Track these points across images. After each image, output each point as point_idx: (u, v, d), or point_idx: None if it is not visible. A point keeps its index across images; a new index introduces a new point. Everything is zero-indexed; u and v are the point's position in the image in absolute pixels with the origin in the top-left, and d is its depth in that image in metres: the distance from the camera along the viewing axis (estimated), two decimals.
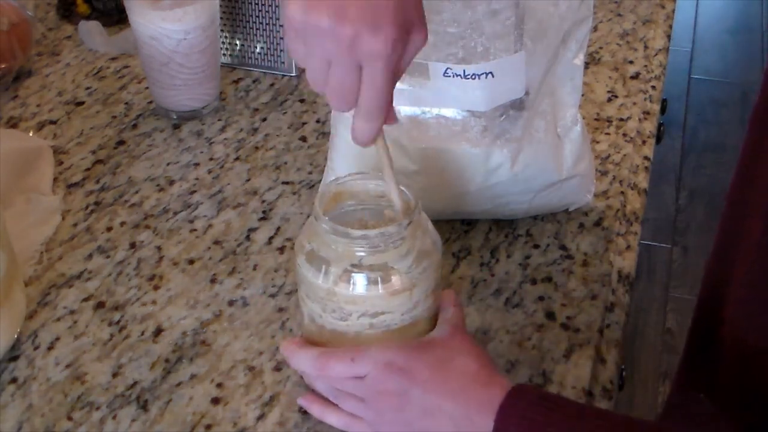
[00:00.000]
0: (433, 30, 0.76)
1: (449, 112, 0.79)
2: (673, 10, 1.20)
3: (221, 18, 1.03)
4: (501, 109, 0.78)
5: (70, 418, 0.68)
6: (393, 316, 0.64)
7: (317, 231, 0.64)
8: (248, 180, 0.92)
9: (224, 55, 1.08)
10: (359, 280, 0.63)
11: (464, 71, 0.75)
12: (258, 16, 1.05)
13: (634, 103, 1.02)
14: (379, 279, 0.63)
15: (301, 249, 0.65)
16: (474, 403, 0.60)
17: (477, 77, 0.75)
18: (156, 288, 0.79)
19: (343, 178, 0.68)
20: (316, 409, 0.68)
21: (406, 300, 0.64)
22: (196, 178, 0.92)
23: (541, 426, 0.57)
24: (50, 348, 0.74)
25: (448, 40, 0.76)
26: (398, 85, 0.78)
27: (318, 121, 1.00)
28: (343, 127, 0.83)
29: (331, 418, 0.67)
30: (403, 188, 0.66)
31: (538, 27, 0.77)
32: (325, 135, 0.96)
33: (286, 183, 0.91)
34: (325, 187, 0.66)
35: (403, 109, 0.79)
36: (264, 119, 1.01)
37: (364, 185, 0.68)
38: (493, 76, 0.76)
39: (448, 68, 0.75)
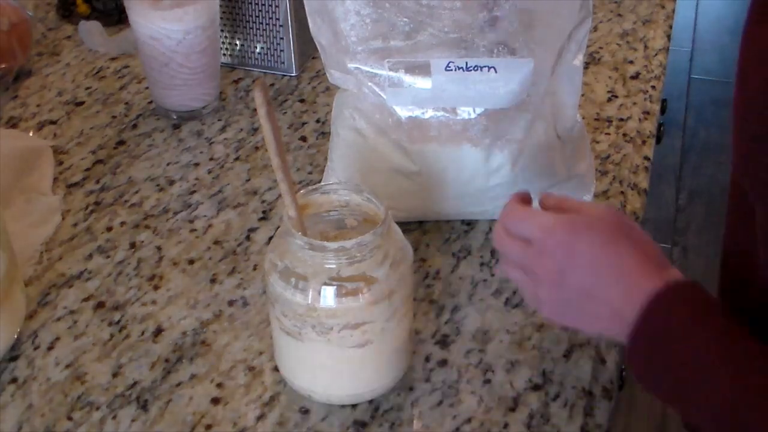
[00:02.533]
0: (434, 35, 0.77)
1: (450, 112, 0.79)
2: (673, 10, 1.20)
3: (221, 18, 1.03)
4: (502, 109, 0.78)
5: (70, 418, 0.68)
6: (374, 326, 0.64)
7: (290, 248, 0.63)
8: (248, 180, 0.92)
9: (224, 55, 1.08)
10: (339, 292, 0.62)
11: (466, 63, 0.75)
12: (258, 16, 1.05)
13: (634, 103, 1.02)
14: (359, 289, 0.62)
15: (274, 267, 0.64)
16: (636, 293, 0.59)
17: (479, 69, 0.76)
18: (156, 288, 0.79)
19: (306, 190, 0.67)
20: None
21: (386, 308, 0.64)
22: (196, 178, 0.92)
23: (681, 334, 0.57)
24: (50, 348, 0.74)
25: (450, 44, 0.76)
26: (398, 85, 0.79)
27: (318, 121, 1.00)
28: (343, 127, 0.83)
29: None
30: (370, 195, 0.65)
31: (542, 32, 0.77)
32: (325, 135, 0.96)
33: None
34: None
35: (403, 110, 0.79)
36: None
37: (327, 197, 0.67)
38: (495, 72, 0.76)
39: (450, 62, 0.76)
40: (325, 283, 0.62)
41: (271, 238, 0.84)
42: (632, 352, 0.60)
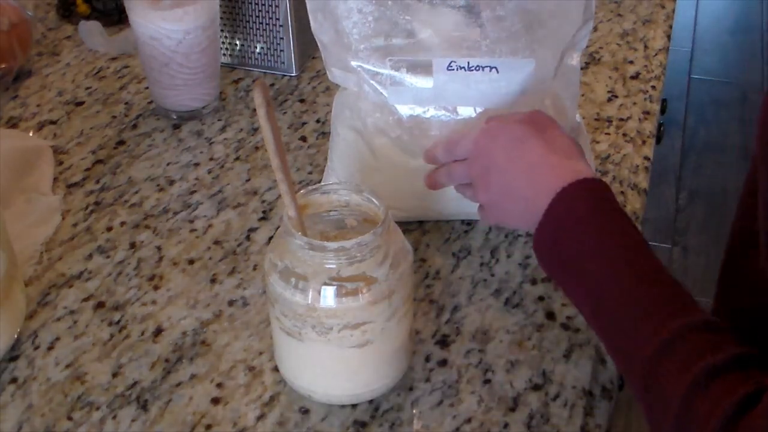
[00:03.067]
0: (437, 33, 0.77)
1: (451, 112, 0.79)
2: (673, 10, 1.20)
3: (221, 18, 1.03)
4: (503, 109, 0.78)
5: (70, 418, 0.68)
6: (374, 326, 0.64)
7: (290, 247, 0.63)
8: (248, 180, 0.92)
9: (224, 55, 1.08)
10: (339, 292, 0.62)
11: (468, 63, 0.76)
12: (258, 16, 1.05)
13: (634, 103, 1.02)
14: (358, 289, 0.62)
15: (273, 267, 0.64)
16: (543, 186, 0.65)
17: (481, 69, 0.76)
18: (156, 288, 0.79)
19: (306, 190, 0.67)
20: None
21: (386, 308, 0.64)
22: (196, 178, 0.92)
23: (577, 225, 0.63)
24: (50, 348, 0.74)
25: (452, 43, 0.76)
26: (400, 83, 0.79)
27: (318, 121, 1.00)
28: (343, 127, 0.83)
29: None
30: (370, 195, 0.66)
31: (544, 34, 0.77)
32: (325, 135, 0.96)
33: None
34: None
35: (404, 108, 0.79)
36: None
37: (327, 197, 0.67)
38: (497, 72, 0.76)
39: (452, 61, 0.76)
40: (325, 283, 0.62)
41: (271, 238, 0.84)
42: (537, 241, 0.66)
